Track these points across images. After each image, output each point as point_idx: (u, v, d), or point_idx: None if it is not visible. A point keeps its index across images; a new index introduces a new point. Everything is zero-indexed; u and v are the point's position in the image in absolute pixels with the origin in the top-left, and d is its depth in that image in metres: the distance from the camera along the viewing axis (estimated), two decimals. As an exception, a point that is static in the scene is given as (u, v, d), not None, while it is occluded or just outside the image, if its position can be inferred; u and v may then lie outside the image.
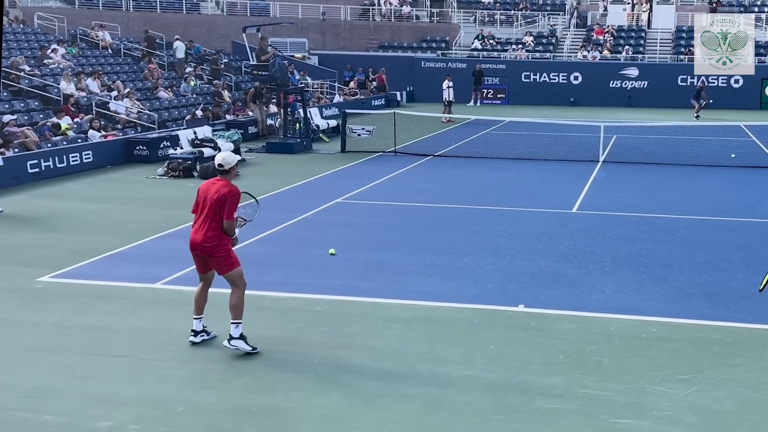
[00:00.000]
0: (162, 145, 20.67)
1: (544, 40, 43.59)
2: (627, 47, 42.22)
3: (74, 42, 30.10)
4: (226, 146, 20.42)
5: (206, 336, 8.20)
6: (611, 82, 39.60)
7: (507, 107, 37.97)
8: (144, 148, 20.41)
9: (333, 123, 27.06)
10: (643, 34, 43.88)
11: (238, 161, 8.18)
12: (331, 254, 11.51)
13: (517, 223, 13.79)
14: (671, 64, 40.43)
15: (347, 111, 24.72)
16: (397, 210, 14.98)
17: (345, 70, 39.56)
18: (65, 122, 20.81)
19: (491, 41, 43.26)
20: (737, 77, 37.80)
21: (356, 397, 6.95)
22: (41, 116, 21.31)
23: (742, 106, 37.01)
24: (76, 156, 18.91)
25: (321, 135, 25.60)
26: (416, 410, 6.72)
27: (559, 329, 8.65)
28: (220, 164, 7.97)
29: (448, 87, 31.47)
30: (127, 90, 24.83)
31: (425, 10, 46.07)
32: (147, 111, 24.04)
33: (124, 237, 12.49)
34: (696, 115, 32.55)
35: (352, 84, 38.50)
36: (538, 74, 40.24)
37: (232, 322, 7.86)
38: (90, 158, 19.27)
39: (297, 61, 37.31)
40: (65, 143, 19.51)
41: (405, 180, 18.32)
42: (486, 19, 45.57)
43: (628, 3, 46.20)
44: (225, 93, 29.07)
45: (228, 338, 7.86)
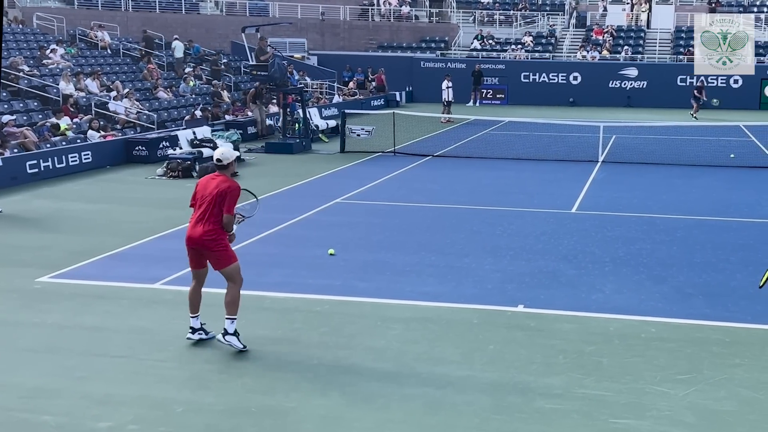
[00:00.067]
0: (161, 146, 20.68)
1: (544, 41, 43.60)
2: (626, 47, 42.24)
3: (73, 42, 30.10)
4: (226, 146, 20.44)
5: (204, 335, 8.19)
6: (610, 83, 39.60)
7: (506, 107, 37.97)
8: (143, 149, 20.42)
9: (332, 123, 27.06)
10: (643, 35, 43.89)
11: (237, 157, 8.17)
12: (331, 254, 11.52)
13: (517, 224, 13.80)
14: (670, 65, 40.44)
15: (346, 111, 24.72)
16: (397, 210, 14.98)
17: (344, 71, 39.55)
18: (64, 122, 20.82)
19: (490, 41, 43.26)
20: (736, 77, 37.82)
21: (356, 398, 6.95)
22: (40, 116, 21.31)
23: (742, 107, 37.04)
24: (76, 156, 18.91)
25: (320, 135, 25.59)
26: (416, 410, 6.72)
27: (559, 329, 8.65)
28: (219, 159, 7.97)
29: (448, 87, 31.46)
30: (126, 90, 24.82)
31: (424, 10, 46.07)
32: (146, 111, 24.04)
33: (124, 237, 12.50)
34: (694, 116, 32.52)
35: (352, 84, 38.48)
36: (538, 74, 40.24)
37: (228, 318, 7.88)
38: (89, 158, 19.27)
39: (296, 62, 37.30)
40: (64, 143, 19.50)
41: (404, 180, 18.32)
42: (485, 19, 45.57)
43: (628, 3, 46.21)
44: (224, 93, 29.06)
45: (223, 333, 7.88)
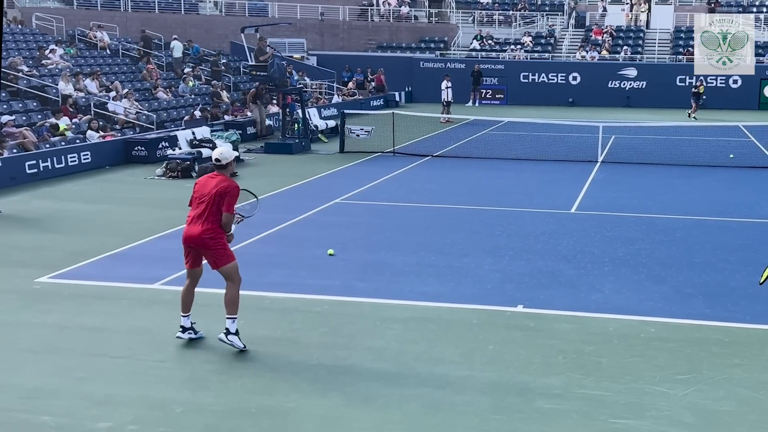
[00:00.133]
0: (160, 146, 20.67)
1: (543, 41, 43.61)
2: (625, 47, 42.24)
3: (72, 42, 30.10)
4: (225, 146, 20.45)
5: (193, 335, 8.17)
6: (610, 83, 39.60)
7: (506, 107, 37.98)
8: (142, 149, 20.42)
9: (332, 123, 27.07)
10: (642, 35, 43.90)
11: (236, 157, 8.17)
12: (330, 255, 11.52)
13: (516, 224, 13.80)
14: (670, 65, 40.44)
15: (346, 111, 24.73)
16: (396, 210, 14.98)
17: (343, 71, 39.55)
18: (63, 123, 20.82)
19: (490, 41, 43.27)
20: (736, 77, 37.84)
21: (355, 398, 6.94)
22: (39, 117, 21.30)
23: (741, 107, 37.04)
24: (75, 156, 18.90)
25: (320, 135, 25.59)
26: (415, 411, 6.72)
27: (558, 329, 8.66)
28: (218, 159, 7.98)
29: (447, 87, 31.46)
30: (126, 90, 24.81)
31: (424, 11, 46.07)
32: (145, 111, 24.03)
33: (123, 237, 12.49)
34: (693, 116, 32.50)
35: (351, 84, 38.47)
36: (537, 74, 40.24)
37: (228, 317, 7.87)
38: (88, 159, 19.26)
39: (295, 62, 37.29)
40: (63, 144, 19.50)
41: (404, 180, 18.32)
42: (484, 20, 45.58)
43: (627, 3, 46.22)
44: (223, 93, 29.05)
45: (225, 332, 7.86)
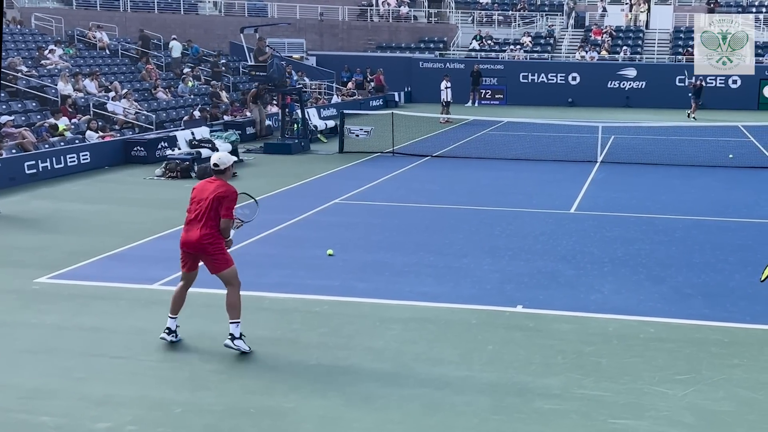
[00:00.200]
0: (160, 146, 20.66)
1: (542, 41, 43.62)
2: (625, 48, 42.25)
3: (71, 43, 30.09)
4: (224, 147, 20.44)
5: (175, 338, 8.14)
6: (609, 83, 39.61)
7: (505, 108, 37.98)
8: (142, 149, 20.41)
9: (331, 123, 27.04)
10: (641, 35, 43.91)
11: (234, 162, 8.15)
12: (329, 255, 11.51)
13: (515, 224, 13.80)
14: (669, 65, 40.44)
15: (345, 111, 24.74)
16: (395, 210, 14.98)
17: (343, 71, 39.55)
18: (63, 123, 20.81)
19: (489, 42, 43.27)
20: (735, 77, 37.85)
21: (354, 398, 6.94)
22: (39, 117, 21.29)
23: (740, 107, 37.05)
24: (74, 157, 18.89)
25: (319, 136, 25.58)
26: (414, 411, 6.72)
27: (557, 330, 8.65)
28: (216, 164, 7.97)
29: (446, 87, 31.47)
30: (125, 91, 24.81)
31: (423, 11, 46.08)
32: (144, 112, 24.03)
33: (122, 238, 12.49)
34: (693, 116, 32.52)
35: (350, 84, 38.47)
36: (536, 75, 40.25)
37: (231, 322, 7.85)
38: (87, 159, 19.25)
39: (295, 62, 37.30)
40: (63, 144, 19.49)
41: (403, 180, 18.32)
42: (484, 20, 45.60)
43: (626, 3, 46.23)
44: (223, 94, 29.05)
45: (230, 338, 7.83)
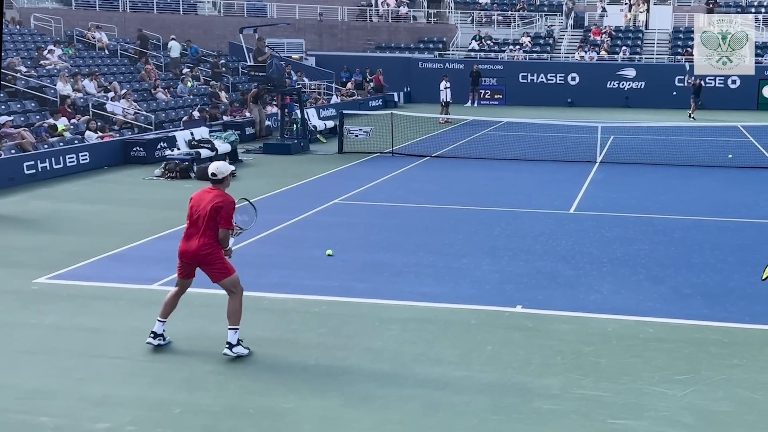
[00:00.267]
0: (159, 146, 20.66)
1: (542, 41, 43.62)
2: (624, 48, 42.25)
3: (71, 43, 30.07)
4: (224, 147, 20.45)
5: (162, 341, 8.11)
6: (608, 83, 39.59)
7: (504, 108, 37.97)
8: (141, 149, 20.40)
9: (330, 124, 27.03)
10: (641, 35, 43.91)
11: (232, 171, 8.10)
12: (329, 255, 11.51)
13: (515, 224, 13.80)
14: (668, 65, 40.44)
15: (344, 112, 24.76)
16: (395, 211, 14.98)
17: (342, 71, 39.54)
18: (62, 123, 20.80)
19: (488, 42, 43.28)
20: (734, 78, 37.86)
21: (354, 398, 6.94)
22: (38, 117, 21.28)
23: (740, 107, 37.06)
24: (73, 157, 18.88)
25: (318, 136, 25.57)
26: (414, 411, 6.71)
27: (557, 330, 8.65)
28: (214, 173, 7.93)
29: (446, 88, 31.48)
30: (124, 91, 24.79)
31: (422, 11, 46.08)
32: (144, 112, 24.02)
33: (121, 238, 12.48)
34: (692, 116, 32.52)
35: (350, 85, 38.47)
36: (536, 75, 40.24)
37: (230, 328, 7.80)
38: (87, 159, 19.24)
39: (294, 62, 37.30)
40: (62, 144, 19.47)
41: (402, 181, 18.32)
42: (483, 20, 45.60)
43: (626, 4, 46.24)
44: (222, 94, 29.04)
45: (228, 346, 7.79)
